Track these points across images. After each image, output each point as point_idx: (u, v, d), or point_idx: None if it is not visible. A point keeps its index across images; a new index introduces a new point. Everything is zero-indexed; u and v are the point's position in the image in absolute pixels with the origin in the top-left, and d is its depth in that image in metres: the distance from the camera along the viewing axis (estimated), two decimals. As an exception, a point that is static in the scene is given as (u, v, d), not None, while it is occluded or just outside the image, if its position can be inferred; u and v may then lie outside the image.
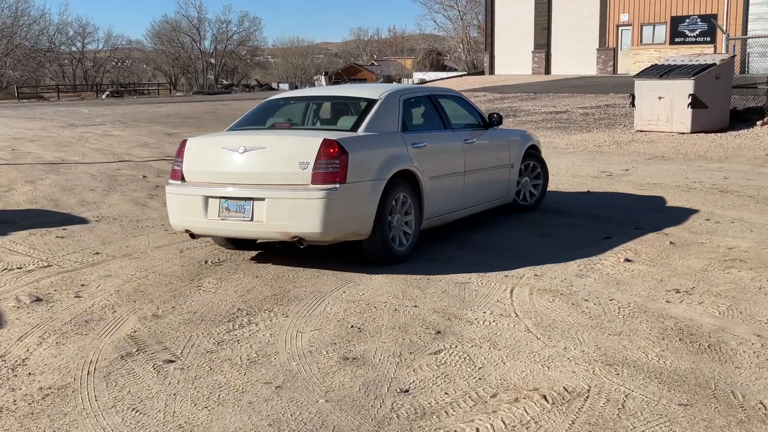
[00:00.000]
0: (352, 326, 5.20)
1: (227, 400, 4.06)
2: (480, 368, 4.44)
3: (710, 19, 33.54)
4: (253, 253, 7.36)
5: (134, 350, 4.81)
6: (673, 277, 6.33)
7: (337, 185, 6.31)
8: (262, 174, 6.49)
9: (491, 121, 8.62)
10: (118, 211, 9.74)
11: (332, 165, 6.31)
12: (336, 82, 75.84)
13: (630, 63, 38.71)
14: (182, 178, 6.94)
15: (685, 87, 16.68)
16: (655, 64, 18.53)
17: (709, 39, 35.80)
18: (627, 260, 6.89)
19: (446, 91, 8.68)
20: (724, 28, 34.95)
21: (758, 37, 20.03)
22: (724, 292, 5.85)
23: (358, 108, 7.35)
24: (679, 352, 4.63)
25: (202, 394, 4.14)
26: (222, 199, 6.58)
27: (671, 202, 9.72)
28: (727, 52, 18.66)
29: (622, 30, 39.65)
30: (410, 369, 4.45)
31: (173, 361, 4.61)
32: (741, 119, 17.48)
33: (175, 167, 7.02)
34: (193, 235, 7.01)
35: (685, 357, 4.55)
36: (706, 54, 18.82)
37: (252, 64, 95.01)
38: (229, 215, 6.54)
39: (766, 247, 7.20)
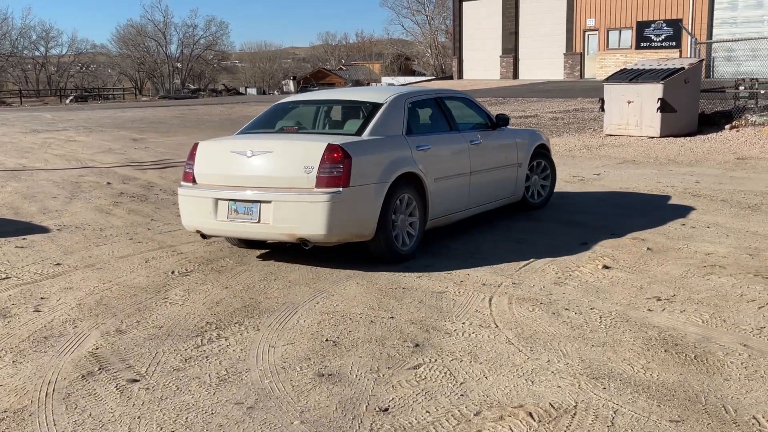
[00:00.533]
0: (326, 340, 4.98)
1: (195, 423, 3.82)
2: (462, 384, 4.25)
3: (678, 24, 33.79)
4: (223, 262, 7.11)
5: (96, 369, 4.55)
6: (652, 284, 6.20)
7: (341, 189, 6.47)
8: (268, 177, 6.68)
9: (498, 122, 8.77)
10: (81, 219, 9.42)
11: (336, 169, 6.48)
12: (304, 87, 75.51)
13: (597, 68, 38.95)
14: (193, 181, 7.13)
15: (654, 91, 16.67)
16: (624, 69, 18.54)
17: (674, 44, 36.11)
18: (605, 267, 6.75)
19: (453, 93, 8.84)
20: (690, 30, 35.33)
21: (726, 41, 20.13)
22: (705, 300, 5.72)
23: (364, 112, 7.50)
24: (665, 363, 4.48)
25: (168, 417, 3.89)
26: (231, 202, 6.79)
27: (644, 206, 9.62)
28: (694, 56, 18.70)
29: (588, 35, 39.86)
30: (389, 385, 4.24)
31: (137, 381, 4.36)
32: (709, 123, 17.53)
33: (187, 170, 7.22)
34: (203, 236, 7.22)
35: (672, 369, 4.39)
36: (674, 58, 18.88)
37: (219, 68, 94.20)
38: (237, 217, 6.75)
39: (744, 253, 7.10)
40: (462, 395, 4.09)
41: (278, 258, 7.26)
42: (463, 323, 5.29)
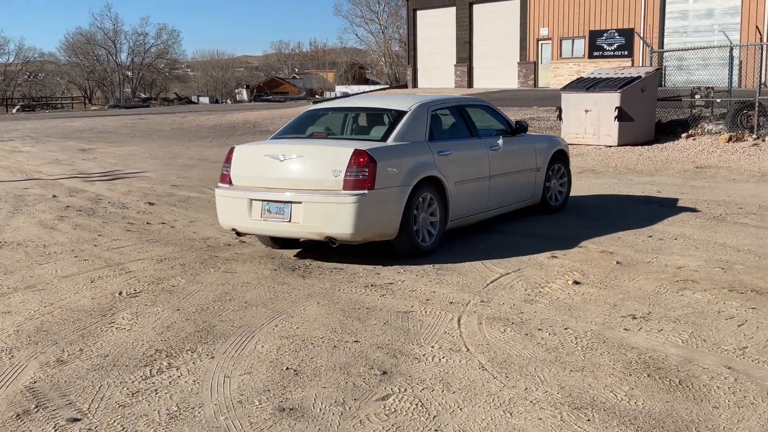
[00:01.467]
0: (287, 368, 4.62)
1: (143, 470, 3.43)
2: (435, 416, 3.92)
3: (634, 33, 34.00)
4: (174, 281, 6.69)
5: (33, 406, 4.12)
6: (626, 300, 5.95)
7: (366, 191, 6.91)
8: (299, 180, 7.15)
9: (518, 128, 9.12)
10: (24, 235, 8.91)
11: (362, 173, 6.92)
12: (258, 96, 74.79)
13: (550, 76, 39.13)
14: (230, 182, 7.61)
15: (611, 100, 16.62)
16: (581, 77, 18.49)
17: (626, 53, 36.39)
18: (576, 282, 6.49)
19: (475, 101, 9.19)
20: (641, 43, 35.62)
21: (681, 50, 20.22)
22: (682, 318, 5.48)
23: (389, 119, 7.92)
24: (649, 390, 4.20)
25: (112, 463, 3.49)
26: (264, 202, 7.27)
27: (610, 218, 9.42)
28: (651, 65, 18.74)
29: (542, 44, 40.01)
30: (356, 420, 3.89)
31: (78, 420, 3.94)
32: (666, 132, 17.54)
33: (224, 172, 7.69)
34: (239, 233, 7.78)
35: (657, 396, 4.12)
36: (630, 67, 18.90)
37: (171, 77, 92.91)
38: (270, 216, 7.25)
39: (716, 266, 6.91)
40: (436, 431, 3.77)
41: (234, 276, 6.87)
42: (432, 347, 4.97)
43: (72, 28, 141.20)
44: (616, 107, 16.52)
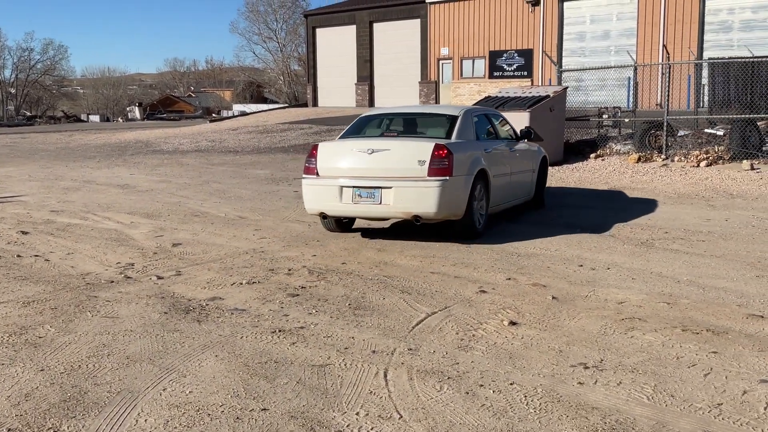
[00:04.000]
0: (176, 453, 3.66)
1: None
2: None
3: (533, 53, 34.23)
4: (41, 330, 5.58)
5: None
6: (572, 345, 5.24)
7: (447, 178, 8.46)
8: (387, 169, 8.59)
9: (522, 135, 10.88)
10: None
11: (442, 163, 8.47)
12: (151, 114, 72.39)
13: (451, 96, 38.99)
14: (317, 174, 8.96)
15: (521, 119, 16.18)
16: (489, 96, 18.07)
17: (526, 73, 36.60)
18: (512, 323, 5.75)
19: (494, 111, 11.34)
20: (540, 63, 35.94)
21: (591, 69, 20.11)
22: (639, 366, 4.80)
23: (444, 121, 9.56)
24: (627, 467, 3.45)
25: None
26: (354, 188, 8.67)
27: (531, 245, 8.79)
28: (558, 84, 18.51)
29: (443, 63, 39.89)
30: None
31: None
32: (575, 152, 17.27)
33: (310, 165, 9.04)
34: (325, 216, 9.23)
35: (637, 476, 3.37)
36: (537, 86, 18.62)
37: (59, 94, 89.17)
38: (361, 200, 8.68)
39: (660, 301, 6.30)
40: None
41: (115, 323, 5.83)
42: (358, 413, 4.11)
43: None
44: (526, 126, 16.08)
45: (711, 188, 12.79)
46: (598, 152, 16.90)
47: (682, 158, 15.35)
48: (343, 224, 9.58)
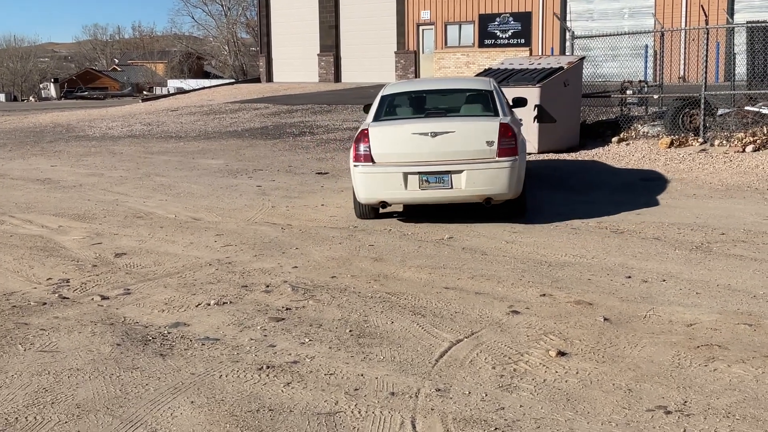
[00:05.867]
0: None
1: None
2: None
3: (526, 17, 34.07)
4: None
5: None
6: (641, 381, 4.95)
7: (516, 158, 9.60)
8: (454, 152, 9.56)
9: (515, 104, 11.76)
10: None
11: (510, 143, 9.60)
12: (70, 92, 71.30)
13: (434, 68, 38.73)
14: (372, 160, 9.67)
15: (529, 96, 15.89)
16: (490, 68, 17.80)
17: (523, 41, 36.45)
18: (560, 353, 5.45)
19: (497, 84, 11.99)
20: (541, 29, 35.82)
21: (610, 35, 19.87)
22: (735, 409, 4.51)
23: (480, 97, 10.69)
24: None
25: None
26: (421, 174, 9.53)
27: (561, 252, 8.50)
28: (571, 53, 18.27)
29: (423, 30, 39.58)
30: None
31: None
32: (593, 135, 17.03)
33: (363, 152, 9.72)
34: (385, 205, 10.09)
35: None
36: (548, 56, 18.39)
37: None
38: (429, 186, 9.57)
39: (738, 322, 6.03)
40: None
41: (56, 358, 5.43)
42: (389, 480, 3.77)
43: None
44: (536, 105, 15.81)
45: (765, 178, 12.61)
46: (622, 135, 16.67)
47: (724, 142, 15.15)
48: (377, 210, 10.42)
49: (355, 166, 9.78)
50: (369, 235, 9.45)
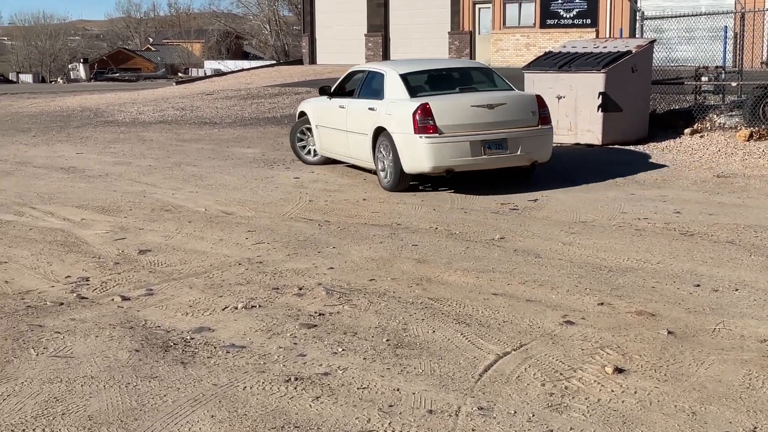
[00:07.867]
0: None
1: None
2: None
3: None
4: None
5: None
6: (707, 403, 4.85)
7: (550, 125, 12.37)
8: (506, 121, 11.85)
9: None
10: None
11: (545, 112, 12.28)
12: (100, 73, 72.24)
13: (491, 50, 38.54)
14: (437, 131, 11.54)
15: (593, 83, 15.75)
16: (550, 52, 17.64)
17: (589, 21, 36.09)
18: (618, 370, 5.37)
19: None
20: (609, 9, 35.46)
21: (679, 16, 19.63)
22: (810, 436, 4.39)
23: (489, 73, 13.43)
24: None
25: None
26: (483, 142, 11.68)
27: (627, 252, 8.39)
28: (641, 35, 18.08)
29: (480, 9, 39.40)
30: None
31: None
32: (663, 126, 16.81)
33: (427, 124, 11.54)
34: (449, 172, 11.81)
35: None
36: (614, 39, 18.20)
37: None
38: (491, 153, 11.74)
39: (818, 337, 5.90)
40: None
41: (70, 365, 5.46)
42: None
43: None
44: (600, 92, 15.65)
45: None
46: (695, 126, 16.43)
47: (809, 135, 14.93)
48: (407, 180, 12.11)
49: (420, 137, 11.46)
50: (413, 233, 9.41)
